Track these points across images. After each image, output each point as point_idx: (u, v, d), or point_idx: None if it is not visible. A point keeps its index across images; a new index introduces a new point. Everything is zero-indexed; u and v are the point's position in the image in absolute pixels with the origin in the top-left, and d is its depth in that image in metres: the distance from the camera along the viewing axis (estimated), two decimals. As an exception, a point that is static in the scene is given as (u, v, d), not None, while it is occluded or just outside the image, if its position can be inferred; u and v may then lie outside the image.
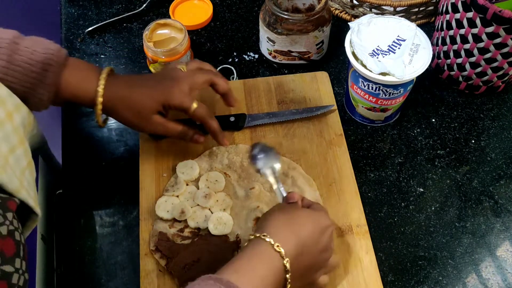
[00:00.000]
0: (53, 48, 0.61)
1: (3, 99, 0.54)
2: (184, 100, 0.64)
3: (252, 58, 0.88)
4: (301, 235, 0.54)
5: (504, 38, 0.71)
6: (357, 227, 0.68)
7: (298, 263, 0.53)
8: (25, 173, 0.55)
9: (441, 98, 0.83)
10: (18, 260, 0.47)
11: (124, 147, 0.78)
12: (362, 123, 0.80)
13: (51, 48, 0.61)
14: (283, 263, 0.52)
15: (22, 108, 0.57)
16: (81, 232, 0.70)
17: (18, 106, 0.56)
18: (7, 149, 0.52)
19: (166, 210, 0.67)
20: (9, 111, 0.54)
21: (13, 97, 0.55)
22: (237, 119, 0.77)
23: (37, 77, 0.59)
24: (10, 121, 0.54)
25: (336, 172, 0.72)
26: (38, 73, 0.59)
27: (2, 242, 0.45)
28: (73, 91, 0.63)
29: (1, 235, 0.46)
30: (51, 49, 0.60)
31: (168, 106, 0.65)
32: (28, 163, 0.56)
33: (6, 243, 0.46)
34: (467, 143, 0.78)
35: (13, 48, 0.58)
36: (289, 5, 0.84)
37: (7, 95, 0.54)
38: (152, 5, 0.95)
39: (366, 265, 0.64)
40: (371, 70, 0.68)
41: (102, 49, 0.89)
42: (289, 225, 0.55)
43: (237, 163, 0.73)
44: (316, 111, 0.77)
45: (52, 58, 0.60)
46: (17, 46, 0.59)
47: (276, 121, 0.77)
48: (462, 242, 0.69)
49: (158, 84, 0.65)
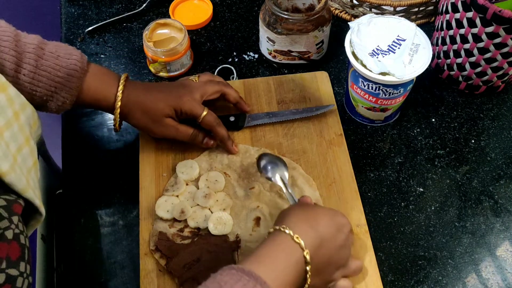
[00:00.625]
0: (76, 54, 0.65)
1: (11, 99, 0.55)
2: (194, 107, 0.69)
3: (252, 58, 0.88)
4: (319, 229, 0.55)
5: (504, 38, 0.71)
6: (357, 227, 0.68)
7: (317, 256, 0.54)
8: (31, 173, 0.56)
9: (441, 98, 0.83)
10: (22, 264, 0.48)
11: (124, 147, 0.78)
12: (362, 123, 0.80)
13: (74, 54, 0.65)
14: (303, 254, 0.52)
15: (27, 107, 0.58)
16: (81, 232, 0.70)
17: (23, 105, 0.57)
18: (15, 149, 0.54)
19: (166, 210, 0.68)
20: (16, 111, 0.56)
21: (20, 97, 0.57)
22: (237, 119, 0.77)
23: (61, 82, 0.63)
24: (16, 120, 0.55)
25: (336, 172, 0.72)
26: (63, 77, 0.63)
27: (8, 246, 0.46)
28: (94, 95, 0.67)
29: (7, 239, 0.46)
30: (75, 55, 0.64)
31: (180, 111, 0.69)
32: (34, 162, 0.57)
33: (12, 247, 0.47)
34: (467, 143, 0.78)
35: (39, 53, 0.62)
36: (289, 5, 0.84)
37: (15, 95, 0.56)
38: (152, 5, 0.95)
39: (366, 265, 0.64)
40: (371, 70, 0.68)
41: (102, 49, 0.89)
42: (307, 219, 0.56)
43: (237, 163, 0.73)
44: (316, 111, 0.77)
45: (76, 63, 0.64)
46: (43, 51, 0.62)
47: (276, 121, 0.77)
48: (462, 242, 0.69)
49: (172, 91, 0.69)
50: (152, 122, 0.69)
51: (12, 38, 0.60)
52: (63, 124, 0.80)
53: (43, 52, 0.62)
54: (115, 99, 0.67)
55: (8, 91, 0.54)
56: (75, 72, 0.63)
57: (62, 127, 0.80)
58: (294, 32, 0.79)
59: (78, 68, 0.64)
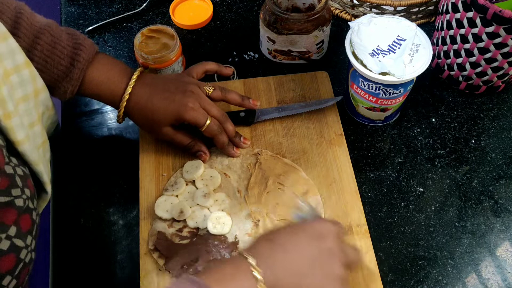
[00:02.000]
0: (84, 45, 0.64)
1: (34, 76, 0.58)
2: (198, 117, 0.67)
3: (252, 57, 0.88)
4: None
5: (504, 38, 0.70)
6: (357, 227, 0.67)
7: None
8: (39, 150, 0.58)
9: (441, 98, 0.83)
10: (29, 238, 0.50)
11: (124, 147, 0.78)
12: (362, 123, 0.80)
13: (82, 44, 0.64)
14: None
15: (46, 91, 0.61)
16: (81, 232, 0.70)
17: (44, 87, 0.60)
18: (28, 123, 0.56)
19: (165, 209, 0.67)
20: (37, 89, 0.58)
21: (40, 78, 0.59)
22: (247, 114, 0.77)
23: (64, 71, 0.63)
24: (35, 97, 0.58)
25: (336, 172, 0.72)
26: (66, 67, 0.63)
27: (17, 215, 0.48)
28: (96, 89, 0.66)
29: (16, 206, 0.48)
30: (82, 45, 0.64)
31: (182, 121, 0.68)
32: (43, 141, 0.60)
33: (24, 218, 0.48)
34: (467, 143, 0.78)
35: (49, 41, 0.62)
36: (289, 4, 0.84)
37: (37, 75, 0.58)
38: (152, 5, 0.95)
39: (366, 265, 0.64)
40: (371, 70, 0.67)
41: (102, 48, 0.89)
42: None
43: (237, 164, 0.73)
44: (325, 103, 0.77)
45: (81, 54, 0.63)
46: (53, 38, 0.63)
47: (285, 115, 0.77)
48: (462, 242, 0.69)
49: (175, 99, 0.67)
50: (150, 127, 0.69)
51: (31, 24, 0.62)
52: (63, 124, 0.80)
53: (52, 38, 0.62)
54: (120, 99, 0.67)
55: (32, 68, 0.57)
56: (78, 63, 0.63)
57: (62, 127, 0.80)
58: (294, 32, 0.79)
59: (81, 58, 0.63)
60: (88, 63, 0.64)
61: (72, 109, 0.81)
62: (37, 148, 0.57)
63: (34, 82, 0.58)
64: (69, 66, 0.63)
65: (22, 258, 0.48)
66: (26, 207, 0.49)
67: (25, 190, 0.50)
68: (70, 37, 0.64)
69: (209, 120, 0.68)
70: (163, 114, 0.67)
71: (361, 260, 0.60)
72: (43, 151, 0.59)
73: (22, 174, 0.51)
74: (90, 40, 0.66)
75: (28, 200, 0.50)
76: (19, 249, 0.47)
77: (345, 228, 0.67)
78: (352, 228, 0.67)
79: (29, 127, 0.56)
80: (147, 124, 0.69)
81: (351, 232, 0.67)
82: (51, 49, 0.62)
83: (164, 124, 0.68)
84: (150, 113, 0.67)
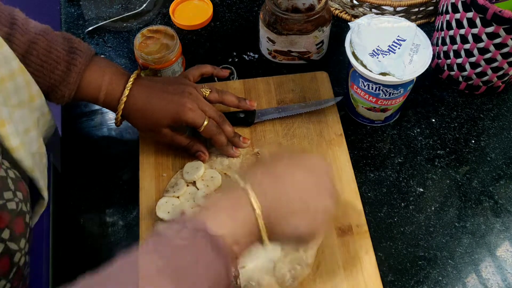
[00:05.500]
0: (80, 49, 0.64)
1: (29, 82, 0.57)
2: (196, 118, 0.67)
3: (252, 58, 0.88)
4: None
5: (504, 38, 0.71)
6: (357, 227, 0.68)
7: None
8: (35, 156, 0.57)
9: (441, 98, 0.83)
10: (23, 241, 0.49)
11: (124, 147, 0.78)
12: (362, 123, 0.80)
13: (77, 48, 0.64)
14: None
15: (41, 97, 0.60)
16: (81, 232, 0.70)
17: (39, 93, 0.60)
18: (23, 130, 0.56)
19: (167, 211, 0.67)
20: (32, 95, 0.58)
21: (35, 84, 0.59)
22: (246, 115, 0.77)
23: (61, 75, 0.63)
24: (30, 104, 0.58)
25: (336, 172, 0.72)
26: (63, 71, 0.63)
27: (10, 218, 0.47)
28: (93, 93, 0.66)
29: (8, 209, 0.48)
30: (78, 50, 0.64)
31: (180, 122, 0.68)
32: (39, 147, 0.59)
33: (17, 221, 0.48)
34: (467, 143, 0.78)
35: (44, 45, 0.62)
36: (289, 5, 0.84)
37: (32, 81, 0.58)
38: (152, 5, 0.95)
39: (365, 265, 0.64)
40: (371, 70, 0.68)
41: (102, 49, 0.89)
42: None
43: (237, 164, 0.73)
44: (325, 104, 0.77)
45: (77, 58, 0.63)
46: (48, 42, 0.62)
47: (285, 115, 0.77)
48: (462, 242, 0.69)
49: (173, 99, 0.67)
50: (149, 129, 0.69)
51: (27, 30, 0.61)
52: (63, 124, 0.80)
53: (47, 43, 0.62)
54: (118, 102, 0.66)
55: (27, 74, 0.57)
56: (74, 67, 0.63)
57: (61, 127, 0.80)
58: (294, 32, 0.79)
59: (78, 63, 0.63)
60: (85, 67, 0.64)
61: (72, 110, 0.81)
62: (33, 154, 0.57)
63: (29, 88, 0.57)
64: (66, 70, 0.63)
65: (16, 261, 0.47)
66: (20, 210, 0.49)
67: (17, 193, 0.50)
68: (65, 42, 0.64)
69: (207, 121, 0.68)
70: (161, 115, 0.67)
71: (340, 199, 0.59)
72: (39, 157, 0.59)
73: (14, 176, 0.50)
74: (86, 44, 0.66)
75: (21, 203, 0.50)
76: (13, 252, 0.47)
77: (345, 229, 0.67)
78: (352, 228, 0.67)
79: (24, 134, 0.56)
80: (145, 126, 0.69)
81: (351, 232, 0.67)
82: (47, 53, 0.62)
83: (162, 125, 0.68)
84: (148, 114, 0.67)
